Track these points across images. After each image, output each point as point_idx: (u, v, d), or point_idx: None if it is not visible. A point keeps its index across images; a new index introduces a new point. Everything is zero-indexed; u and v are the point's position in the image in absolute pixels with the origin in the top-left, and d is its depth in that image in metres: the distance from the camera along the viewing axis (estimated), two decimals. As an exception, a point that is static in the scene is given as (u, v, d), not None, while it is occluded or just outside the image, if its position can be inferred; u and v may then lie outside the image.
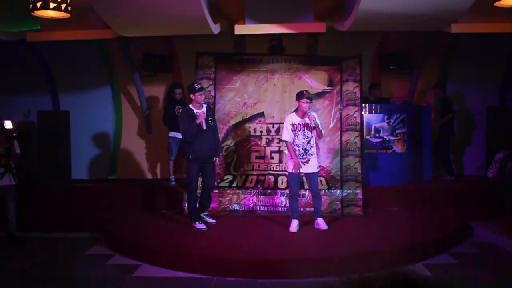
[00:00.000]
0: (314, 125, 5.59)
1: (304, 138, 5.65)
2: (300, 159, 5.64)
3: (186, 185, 6.09)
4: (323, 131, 5.76)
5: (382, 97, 8.09)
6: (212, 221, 6.11)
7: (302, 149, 5.65)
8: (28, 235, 6.21)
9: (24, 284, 4.65)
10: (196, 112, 5.77)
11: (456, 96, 8.71)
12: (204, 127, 5.72)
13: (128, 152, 8.93)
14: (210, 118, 5.88)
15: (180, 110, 7.56)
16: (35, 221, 6.64)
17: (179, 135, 7.57)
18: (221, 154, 6.29)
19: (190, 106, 5.89)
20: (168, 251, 5.04)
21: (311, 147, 5.67)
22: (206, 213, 6.18)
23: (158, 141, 8.76)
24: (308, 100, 5.60)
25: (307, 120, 5.65)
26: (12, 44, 7.62)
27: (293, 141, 5.68)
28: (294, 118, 5.70)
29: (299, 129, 5.66)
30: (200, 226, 5.81)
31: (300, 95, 5.67)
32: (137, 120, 8.92)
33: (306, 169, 5.67)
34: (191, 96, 5.83)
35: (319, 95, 6.96)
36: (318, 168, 5.84)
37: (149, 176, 8.82)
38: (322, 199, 6.30)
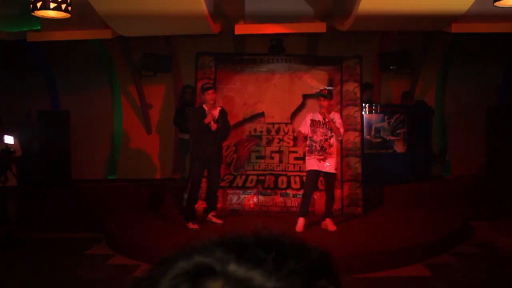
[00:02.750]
0: (328, 120, 5.60)
1: (322, 136, 5.66)
2: (316, 155, 5.66)
3: (188, 184, 6.10)
4: (341, 130, 5.70)
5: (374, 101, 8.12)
6: (218, 222, 6.08)
7: (319, 146, 5.66)
8: (28, 235, 6.20)
9: (24, 284, 4.65)
10: (208, 111, 5.76)
11: (456, 96, 8.71)
12: (213, 129, 5.71)
13: (128, 152, 8.92)
14: (220, 121, 5.85)
15: (191, 111, 7.63)
16: (35, 221, 6.64)
17: (187, 136, 7.65)
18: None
19: (203, 105, 5.89)
20: (168, 251, 5.03)
21: (330, 145, 5.65)
22: (214, 214, 6.13)
23: (158, 141, 8.76)
24: (323, 98, 5.68)
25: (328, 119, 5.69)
26: (12, 44, 7.61)
27: (312, 136, 5.71)
28: (316, 115, 5.75)
29: (318, 125, 5.69)
30: (192, 226, 5.79)
31: (317, 94, 5.93)
32: (137, 120, 8.91)
33: (323, 167, 5.66)
34: (202, 96, 5.89)
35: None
36: (336, 169, 5.78)
37: (149, 176, 8.81)
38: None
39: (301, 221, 5.70)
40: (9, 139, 6.04)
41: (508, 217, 5.81)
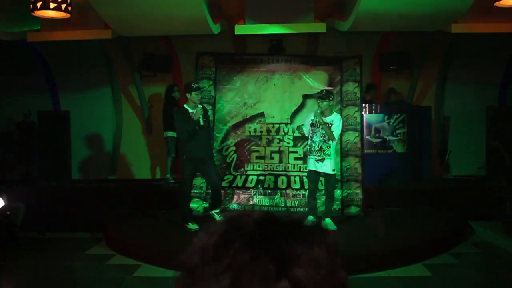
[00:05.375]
0: (322, 122, 5.57)
1: (321, 137, 5.63)
2: (315, 156, 5.67)
3: (180, 185, 6.05)
4: (334, 132, 5.58)
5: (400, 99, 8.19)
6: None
7: (318, 146, 5.65)
8: (28, 235, 6.20)
9: (24, 284, 4.65)
10: (191, 112, 5.67)
11: (456, 96, 8.72)
12: (201, 123, 5.60)
13: (128, 152, 8.92)
14: (205, 118, 5.75)
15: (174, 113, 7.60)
16: (35, 221, 6.63)
17: (176, 135, 7.64)
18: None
19: (185, 105, 5.77)
20: (169, 251, 5.04)
21: (328, 147, 5.62)
22: (217, 211, 5.98)
23: (158, 141, 8.75)
24: (320, 99, 5.67)
25: (327, 120, 5.63)
26: (12, 45, 7.62)
27: (311, 137, 5.72)
28: (316, 112, 5.68)
29: (317, 126, 5.67)
30: (192, 226, 5.74)
31: (316, 95, 5.91)
32: (137, 120, 8.92)
33: (321, 168, 5.66)
34: (187, 95, 5.71)
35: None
36: (333, 170, 5.71)
37: (149, 176, 8.82)
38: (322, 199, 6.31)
39: (308, 219, 5.71)
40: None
41: (508, 217, 5.81)
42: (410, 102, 8.48)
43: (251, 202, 6.83)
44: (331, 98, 5.70)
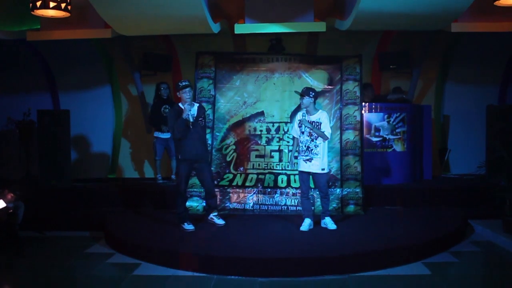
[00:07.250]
0: (310, 128, 5.47)
1: (308, 136, 5.53)
2: (303, 156, 5.58)
3: (175, 186, 6.02)
4: (325, 132, 5.49)
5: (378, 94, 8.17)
6: (220, 223, 5.95)
7: (305, 146, 5.55)
8: (28, 234, 6.21)
9: (24, 283, 4.65)
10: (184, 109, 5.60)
11: (456, 96, 8.72)
12: (191, 120, 5.55)
13: (128, 152, 8.93)
14: (200, 118, 5.71)
15: (167, 110, 7.62)
16: (35, 220, 6.64)
17: (162, 135, 7.66)
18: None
19: (180, 104, 5.71)
20: (168, 250, 5.04)
21: (316, 146, 5.50)
22: (216, 214, 6.00)
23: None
24: (300, 97, 5.56)
25: (313, 118, 5.53)
26: (12, 44, 7.63)
27: (299, 136, 5.63)
28: (302, 115, 5.57)
29: (304, 126, 5.54)
30: (187, 227, 5.73)
31: (296, 92, 5.70)
32: (137, 120, 8.93)
33: (309, 168, 5.56)
34: (178, 94, 5.67)
35: (319, 94, 6.96)
36: (323, 169, 5.58)
37: (149, 175, 8.83)
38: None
39: (306, 222, 5.68)
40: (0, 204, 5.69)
41: (508, 216, 5.81)
42: (411, 101, 8.50)
43: (251, 201, 6.83)
44: (311, 95, 5.51)
